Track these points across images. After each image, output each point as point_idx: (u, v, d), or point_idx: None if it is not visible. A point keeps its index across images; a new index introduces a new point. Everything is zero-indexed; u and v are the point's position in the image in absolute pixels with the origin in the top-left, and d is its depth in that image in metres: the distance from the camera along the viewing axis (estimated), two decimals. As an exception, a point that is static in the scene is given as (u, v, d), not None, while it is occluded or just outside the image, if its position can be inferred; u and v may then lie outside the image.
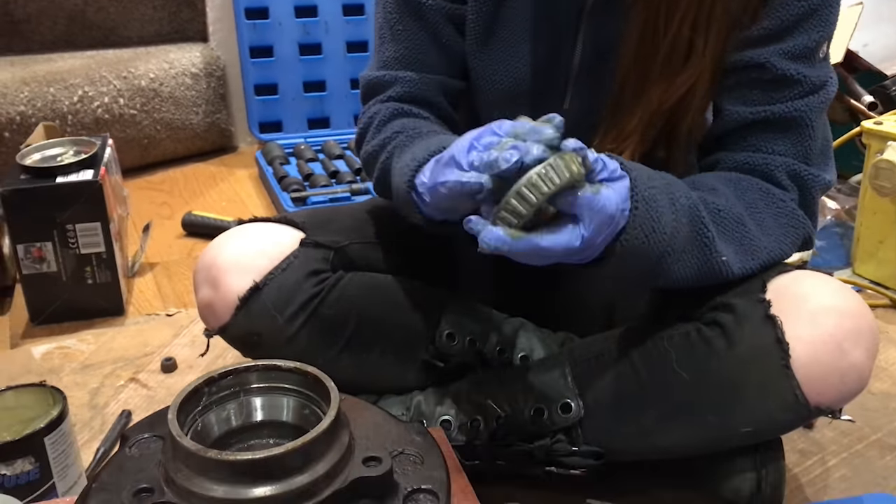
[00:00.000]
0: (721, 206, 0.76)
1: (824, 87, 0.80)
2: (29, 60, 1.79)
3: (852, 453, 0.95)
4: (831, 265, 1.42)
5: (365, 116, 0.89)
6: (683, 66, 0.79)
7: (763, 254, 0.77)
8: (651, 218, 0.68)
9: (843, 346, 0.72)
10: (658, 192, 0.69)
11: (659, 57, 0.78)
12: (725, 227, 0.75)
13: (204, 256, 0.85)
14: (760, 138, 0.81)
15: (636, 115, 0.80)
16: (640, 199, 0.67)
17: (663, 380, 0.78)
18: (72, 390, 1.08)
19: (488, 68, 0.87)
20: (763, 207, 0.79)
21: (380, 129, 0.86)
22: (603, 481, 0.85)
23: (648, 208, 0.68)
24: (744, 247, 0.76)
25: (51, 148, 1.29)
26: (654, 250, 0.69)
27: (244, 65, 1.91)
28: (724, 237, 0.75)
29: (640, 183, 0.68)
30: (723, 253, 0.74)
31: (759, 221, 0.78)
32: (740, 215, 0.76)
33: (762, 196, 0.79)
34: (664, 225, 0.69)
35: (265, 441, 0.64)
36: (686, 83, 0.79)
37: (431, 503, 0.59)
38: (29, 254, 1.21)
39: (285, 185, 1.66)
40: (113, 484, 0.60)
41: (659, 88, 0.79)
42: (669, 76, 0.79)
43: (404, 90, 0.87)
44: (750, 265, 0.77)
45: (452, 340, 0.89)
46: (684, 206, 0.72)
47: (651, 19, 0.78)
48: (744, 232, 0.76)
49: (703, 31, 0.77)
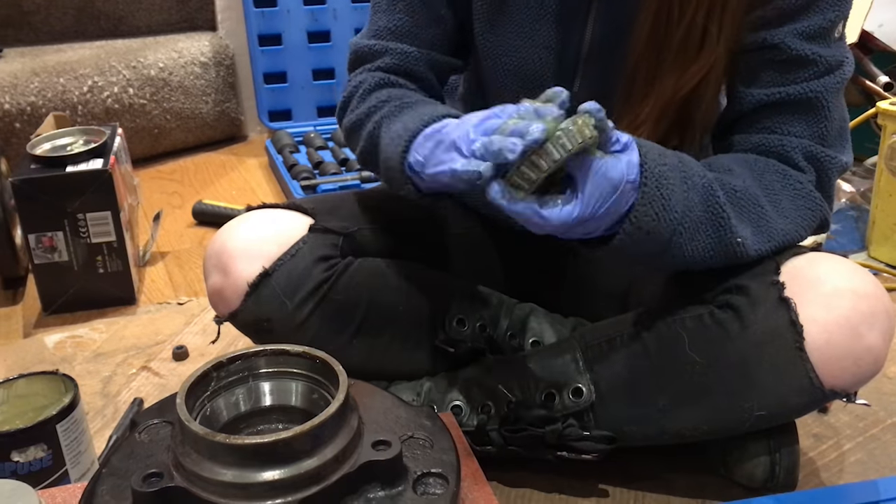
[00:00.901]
0: (738, 186, 0.75)
1: (840, 68, 0.78)
2: (39, 51, 1.80)
3: (868, 437, 0.94)
4: (846, 248, 1.41)
5: (350, 84, 0.88)
6: (697, 54, 0.77)
7: (779, 235, 0.77)
8: (661, 195, 0.67)
9: (859, 329, 0.71)
10: (669, 170, 0.69)
11: (672, 45, 0.77)
12: (742, 208, 0.74)
13: (213, 243, 0.85)
14: (776, 120, 0.79)
15: (649, 104, 0.79)
16: (649, 174, 0.67)
17: (676, 363, 0.77)
18: (84, 379, 1.08)
19: (497, 49, 0.86)
20: (780, 189, 0.78)
21: (364, 97, 0.85)
22: (615, 466, 0.84)
23: (658, 185, 0.67)
24: (760, 228, 0.75)
25: (60, 137, 1.29)
26: (665, 229, 0.69)
27: (253, 53, 1.91)
28: (741, 218, 0.74)
29: (650, 159, 0.67)
30: (739, 234, 0.73)
31: (775, 203, 0.77)
32: (757, 196, 0.75)
33: (779, 178, 0.78)
34: (675, 203, 0.68)
35: (274, 426, 0.64)
36: (700, 72, 0.78)
37: (441, 487, 0.59)
38: (40, 243, 1.21)
39: (295, 174, 1.66)
40: (123, 469, 0.60)
41: (672, 77, 0.78)
42: (683, 64, 0.78)
43: (394, 61, 0.87)
44: (766, 246, 0.76)
45: (463, 326, 0.88)
46: (697, 185, 0.71)
47: (664, 7, 0.76)
48: (760, 213, 0.75)
49: (717, 18, 0.76)
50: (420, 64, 0.87)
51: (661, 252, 0.71)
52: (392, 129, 0.77)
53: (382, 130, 0.79)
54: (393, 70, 0.87)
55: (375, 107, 0.83)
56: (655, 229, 0.68)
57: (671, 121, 0.80)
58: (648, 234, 0.68)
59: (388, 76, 0.86)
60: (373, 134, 0.82)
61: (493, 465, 0.79)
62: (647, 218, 0.67)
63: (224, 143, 2.00)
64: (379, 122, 0.81)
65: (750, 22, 0.77)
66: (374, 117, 0.82)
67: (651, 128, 0.80)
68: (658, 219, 0.68)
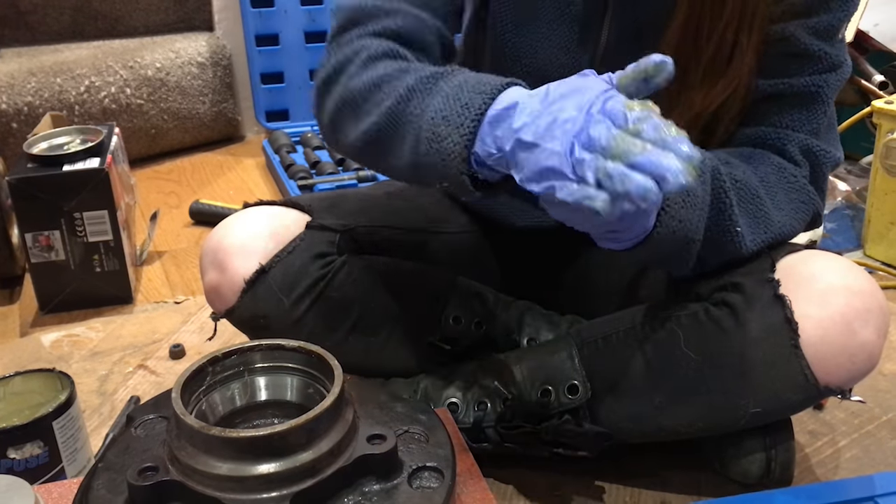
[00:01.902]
0: (738, 176, 0.75)
1: (842, 67, 0.79)
2: (35, 51, 1.80)
3: (863, 434, 0.95)
4: (842, 247, 1.41)
5: (342, 50, 0.76)
6: (727, 67, 0.76)
7: (775, 228, 0.77)
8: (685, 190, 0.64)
9: (853, 326, 0.72)
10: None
11: (701, 60, 0.76)
12: (742, 199, 0.74)
13: (210, 240, 0.85)
14: (775, 111, 0.79)
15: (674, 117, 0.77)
16: None
17: (671, 360, 0.77)
18: (81, 377, 1.08)
19: (520, 49, 0.85)
20: (775, 182, 0.78)
21: (368, 64, 0.74)
22: (611, 463, 0.84)
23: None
24: (757, 220, 0.75)
25: (57, 137, 1.30)
26: (693, 215, 0.68)
27: (250, 53, 1.91)
28: (741, 208, 0.74)
29: None
30: (738, 223, 0.73)
31: (771, 196, 0.77)
32: (755, 188, 0.75)
33: (774, 171, 0.78)
34: (695, 186, 0.67)
35: (270, 420, 0.64)
36: (730, 86, 0.76)
37: (437, 480, 0.59)
38: (37, 242, 1.21)
39: (292, 173, 1.66)
40: (118, 463, 0.60)
41: (700, 92, 0.77)
42: (712, 80, 0.76)
43: (403, 24, 0.76)
44: (761, 238, 0.76)
45: (459, 324, 0.89)
46: (707, 167, 0.71)
47: (693, 21, 0.74)
48: (758, 204, 0.75)
49: (747, 28, 0.75)
50: (432, 33, 0.77)
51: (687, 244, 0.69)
52: (434, 105, 0.65)
53: (414, 106, 0.67)
54: (400, 37, 0.76)
55: (389, 75, 0.71)
56: (685, 216, 0.67)
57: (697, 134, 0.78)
58: (680, 223, 0.67)
59: (395, 46, 0.75)
60: (394, 109, 0.69)
61: (489, 462, 0.79)
62: (677, 205, 0.66)
63: (221, 144, 2.00)
64: (405, 95, 0.68)
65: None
66: (389, 89, 0.70)
67: None
68: (685, 204, 0.67)
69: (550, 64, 0.84)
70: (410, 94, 0.69)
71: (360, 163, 0.89)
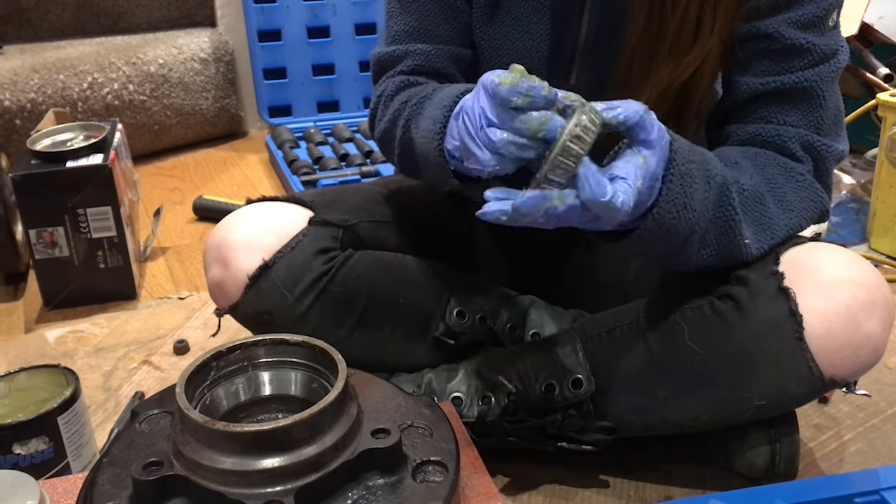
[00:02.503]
0: (746, 185, 0.75)
1: (835, 56, 0.78)
2: (38, 48, 1.80)
3: (868, 427, 0.95)
4: (847, 240, 1.41)
5: (375, 96, 0.88)
6: (692, 45, 0.77)
7: (781, 232, 0.77)
8: (684, 193, 0.67)
9: (858, 318, 0.71)
10: (695, 168, 0.68)
11: (667, 37, 0.77)
12: (747, 207, 0.74)
13: (213, 236, 0.85)
14: (771, 110, 0.79)
15: (644, 95, 0.79)
16: (676, 172, 0.66)
17: (675, 354, 0.77)
18: (86, 373, 1.09)
19: (494, 42, 0.86)
20: (783, 182, 0.78)
21: (387, 105, 0.84)
22: (615, 456, 0.84)
23: (683, 183, 0.67)
24: (762, 227, 0.75)
25: (60, 133, 1.30)
26: (683, 227, 0.68)
27: (253, 49, 1.91)
28: (747, 218, 0.74)
29: (679, 156, 0.67)
30: (746, 236, 0.73)
31: (779, 197, 0.77)
32: (762, 195, 0.76)
33: (781, 171, 0.78)
34: (696, 202, 0.68)
35: (274, 415, 0.64)
36: (694, 62, 0.78)
37: (441, 474, 0.59)
38: (41, 239, 1.21)
39: (295, 169, 1.66)
40: (123, 458, 0.60)
41: (667, 68, 0.78)
42: (678, 55, 0.78)
43: (416, 63, 0.86)
44: (767, 245, 0.76)
45: (462, 318, 0.88)
46: (717, 185, 0.71)
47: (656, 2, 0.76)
48: (763, 211, 0.76)
49: (710, 9, 0.76)
50: (442, 60, 0.86)
51: (677, 250, 0.71)
52: (421, 127, 0.75)
53: (412, 132, 0.78)
54: (416, 71, 0.86)
55: (399, 111, 0.81)
56: (674, 227, 0.68)
57: (667, 111, 0.80)
58: (668, 231, 0.68)
59: (409, 77, 0.85)
60: (403, 139, 0.80)
61: (493, 456, 0.79)
62: (669, 215, 0.67)
63: (224, 140, 2.00)
64: (406, 125, 0.80)
65: (744, 12, 0.77)
66: (399, 122, 0.81)
67: None
68: (678, 217, 0.67)
69: (531, 57, 0.85)
70: (408, 123, 0.79)
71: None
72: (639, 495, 0.85)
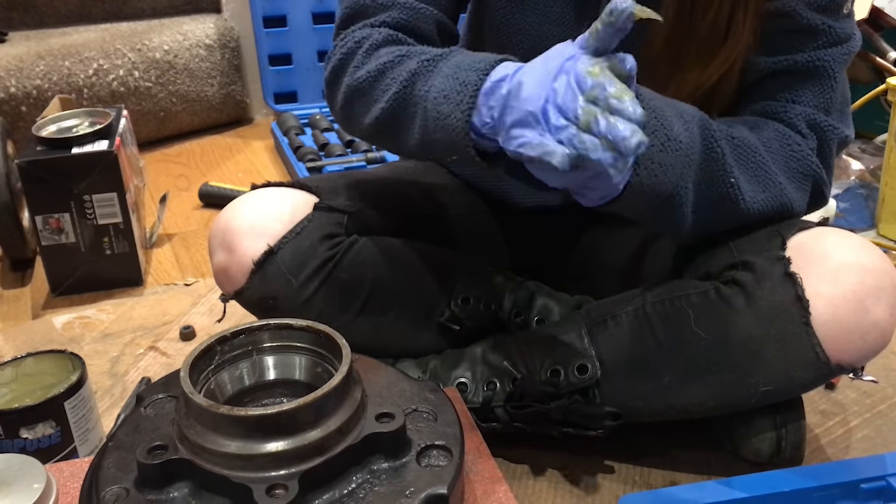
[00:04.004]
0: (734, 134, 0.74)
1: (849, 41, 0.78)
2: (43, 34, 1.80)
3: (875, 414, 0.94)
4: (855, 226, 1.40)
5: (346, 41, 0.80)
6: (721, 46, 0.75)
7: (774, 188, 0.75)
8: (662, 126, 0.66)
9: (866, 303, 0.71)
10: (662, 104, 0.68)
11: (696, 36, 0.75)
12: (737, 153, 0.73)
13: (218, 221, 0.85)
14: (781, 88, 0.79)
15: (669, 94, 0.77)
16: (647, 107, 0.65)
17: (681, 339, 0.77)
18: (92, 359, 1.09)
19: (517, 26, 0.85)
20: (777, 148, 0.77)
21: (371, 53, 0.78)
22: (621, 442, 0.84)
23: (656, 115, 0.66)
24: (756, 176, 0.74)
25: (66, 119, 1.30)
26: (674, 160, 0.67)
27: (258, 35, 1.90)
28: (737, 161, 0.73)
29: (644, 93, 0.66)
30: (733, 173, 0.72)
31: (773, 158, 0.76)
32: (754, 145, 0.75)
33: (777, 136, 0.77)
34: (677, 132, 0.67)
35: (278, 399, 0.64)
36: (724, 65, 0.76)
37: (445, 459, 0.59)
38: (47, 225, 1.21)
39: (301, 156, 1.66)
40: (128, 442, 0.60)
41: (694, 71, 0.76)
42: (706, 58, 0.75)
43: (400, 17, 0.80)
44: (761, 197, 0.75)
45: (468, 304, 0.88)
46: (694, 118, 0.70)
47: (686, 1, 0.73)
48: (758, 161, 0.74)
49: (742, 5, 0.74)
50: (428, 22, 0.81)
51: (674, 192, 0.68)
52: (436, 86, 0.69)
53: (419, 88, 0.71)
54: (399, 27, 0.80)
55: (392, 62, 0.74)
56: (665, 160, 0.66)
57: None
58: (661, 167, 0.66)
59: (396, 33, 0.79)
60: (401, 94, 0.73)
61: (498, 442, 0.79)
62: (655, 147, 0.65)
63: (230, 126, 1.99)
64: (409, 79, 0.72)
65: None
66: (393, 75, 0.74)
67: None
68: (665, 148, 0.66)
69: (549, 41, 0.83)
70: (414, 77, 0.73)
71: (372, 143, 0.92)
72: (644, 480, 0.85)
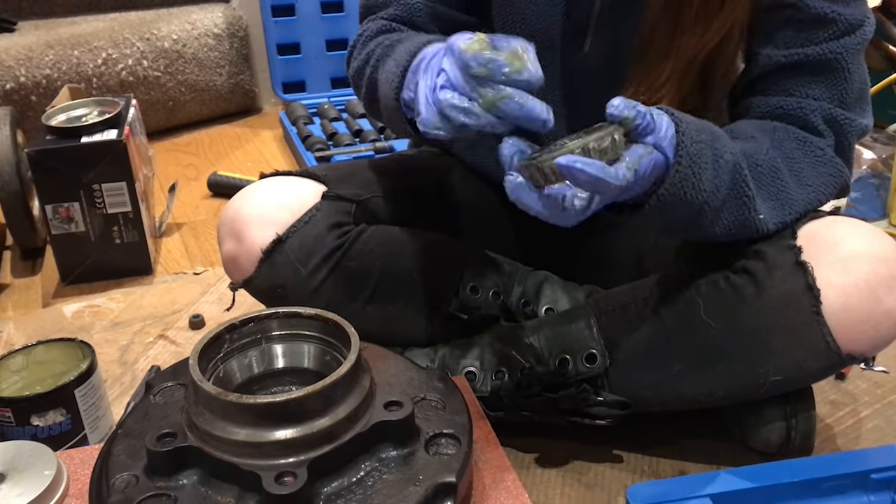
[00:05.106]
0: (760, 160, 0.74)
1: (861, 28, 0.76)
2: (53, 24, 1.80)
3: (885, 404, 0.94)
4: (867, 216, 1.39)
5: (356, 35, 0.89)
6: (720, 8, 0.75)
7: (799, 206, 0.76)
8: (693, 174, 0.66)
9: (878, 293, 0.71)
10: (704, 148, 0.67)
11: (693, 4, 0.75)
12: (762, 182, 0.73)
13: (227, 210, 0.85)
14: (794, 82, 0.78)
15: (668, 65, 0.77)
16: (684, 153, 0.65)
17: (691, 328, 0.77)
18: (102, 347, 1.10)
19: (511, 8, 0.85)
20: (801, 157, 0.77)
21: (365, 44, 0.85)
22: (629, 431, 0.84)
23: (692, 163, 0.66)
24: (780, 201, 0.75)
25: (75, 109, 1.30)
26: (693, 206, 0.68)
27: (266, 24, 1.90)
28: (762, 192, 0.73)
29: (687, 137, 0.66)
30: (761, 212, 0.73)
31: (796, 172, 0.76)
32: (778, 169, 0.75)
33: (799, 145, 0.77)
34: (705, 182, 0.67)
35: (287, 388, 0.64)
36: (724, 27, 0.75)
37: (454, 447, 0.59)
38: (57, 214, 1.22)
39: (309, 145, 1.66)
40: (138, 430, 0.60)
41: (694, 35, 0.76)
42: (706, 21, 0.75)
43: (397, 13, 0.87)
44: (785, 220, 0.75)
45: (476, 293, 0.88)
46: (728, 163, 0.70)
47: None
48: (780, 186, 0.75)
49: None
50: (422, 15, 0.87)
51: (686, 226, 0.71)
52: (385, 69, 0.77)
53: (378, 73, 0.79)
54: (396, 20, 0.87)
55: (372, 51, 0.82)
56: (683, 206, 0.67)
57: (692, 83, 0.79)
58: (674, 209, 0.67)
59: (391, 24, 0.87)
60: (370, 79, 0.81)
61: (506, 431, 0.79)
62: (676, 197, 0.66)
63: (238, 116, 1.99)
64: (375, 65, 0.81)
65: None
66: (370, 62, 0.82)
67: (673, 91, 0.78)
68: (686, 197, 0.67)
69: (545, 23, 0.84)
70: (376, 64, 0.80)
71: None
72: (653, 470, 0.85)
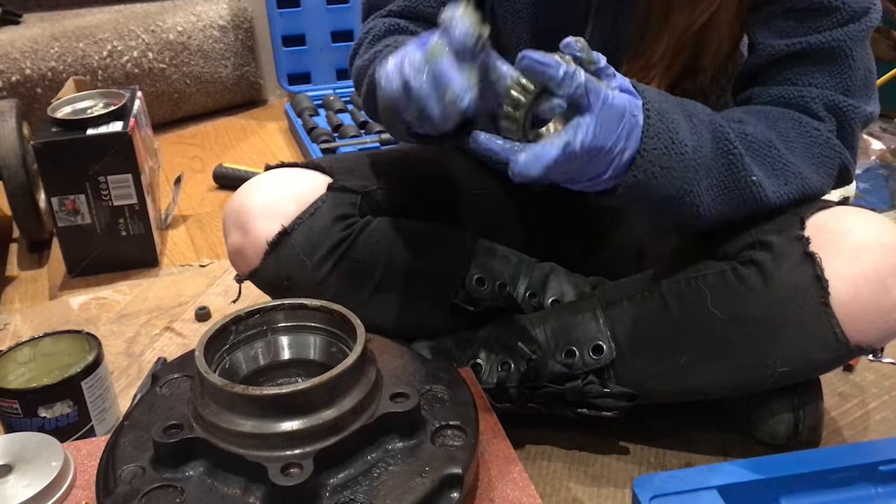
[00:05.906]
0: (749, 130, 0.73)
1: (866, 15, 0.75)
2: (58, 16, 1.80)
3: (894, 396, 0.93)
4: (876, 207, 1.38)
5: (362, 32, 0.88)
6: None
7: (797, 179, 0.74)
8: (667, 128, 0.66)
9: (886, 283, 0.70)
10: (671, 107, 0.67)
11: None
12: (755, 150, 0.72)
13: (233, 202, 0.85)
14: (796, 71, 0.77)
15: (661, 43, 0.77)
16: (652, 109, 0.65)
17: (697, 319, 0.76)
18: (109, 339, 1.10)
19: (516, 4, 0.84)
20: (795, 137, 0.75)
21: (373, 43, 0.85)
22: (635, 423, 0.84)
23: (662, 119, 0.65)
24: (776, 171, 0.73)
25: (81, 101, 1.30)
26: (677, 163, 0.67)
27: (271, 16, 1.90)
28: (755, 159, 0.72)
29: (649, 96, 0.66)
30: (753, 172, 0.71)
31: (790, 149, 0.75)
32: (771, 140, 0.73)
33: (794, 125, 0.76)
34: (682, 135, 0.67)
35: (293, 379, 0.64)
36: (711, 5, 0.75)
37: (460, 439, 0.59)
38: (63, 206, 1.22)
39: (315, 137, 1.65)
40: (144, 421, 0.60)
41: (683, 13, 0.75)
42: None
43: (405, 4, 0.86)
44: (784, 190, 0.74)
45: (482, 285, 0.88)
46: (704, 121, 0.69)
47: None
48: (776, 155, 0.73)
49: None
50: (433, 5, 0.86)
51: (677, 195, 0.68)
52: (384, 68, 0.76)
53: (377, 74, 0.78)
54: (405, 14, 0.86)
55: (379, 51, 0.82)
56: (667, 164, 0.66)
57: (683, 64, 0.78)
58: (662, 169, 0.66)
59: (400, 22, 0.86)
60: (371, 79, 0.80)
61: (512, 423, 0.79)
62: (657, 151, 0.65)
63: (244, 108, 1.99)
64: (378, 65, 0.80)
65: None
66: (375, 62, 0.81)
67: (664, 69, 0.78)
68: (668, 152, 0.66)
69: (545, 13, 0.84)
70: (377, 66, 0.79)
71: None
72: (659, 462, 0.85)
